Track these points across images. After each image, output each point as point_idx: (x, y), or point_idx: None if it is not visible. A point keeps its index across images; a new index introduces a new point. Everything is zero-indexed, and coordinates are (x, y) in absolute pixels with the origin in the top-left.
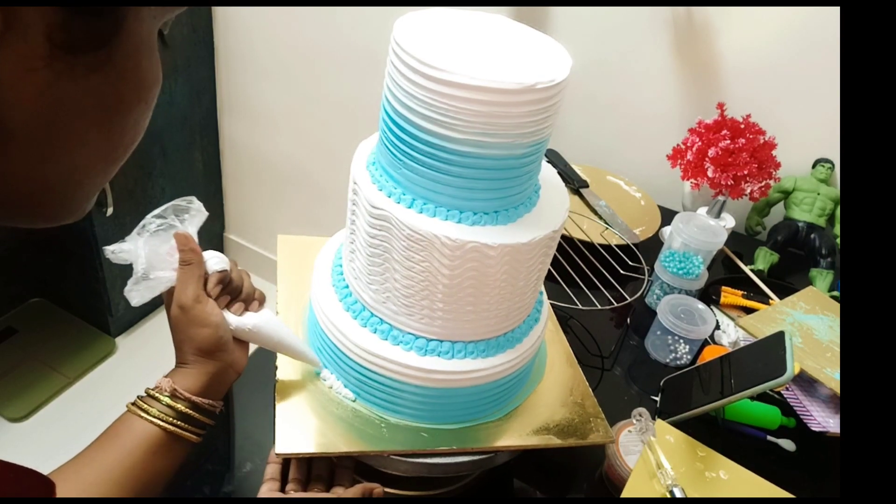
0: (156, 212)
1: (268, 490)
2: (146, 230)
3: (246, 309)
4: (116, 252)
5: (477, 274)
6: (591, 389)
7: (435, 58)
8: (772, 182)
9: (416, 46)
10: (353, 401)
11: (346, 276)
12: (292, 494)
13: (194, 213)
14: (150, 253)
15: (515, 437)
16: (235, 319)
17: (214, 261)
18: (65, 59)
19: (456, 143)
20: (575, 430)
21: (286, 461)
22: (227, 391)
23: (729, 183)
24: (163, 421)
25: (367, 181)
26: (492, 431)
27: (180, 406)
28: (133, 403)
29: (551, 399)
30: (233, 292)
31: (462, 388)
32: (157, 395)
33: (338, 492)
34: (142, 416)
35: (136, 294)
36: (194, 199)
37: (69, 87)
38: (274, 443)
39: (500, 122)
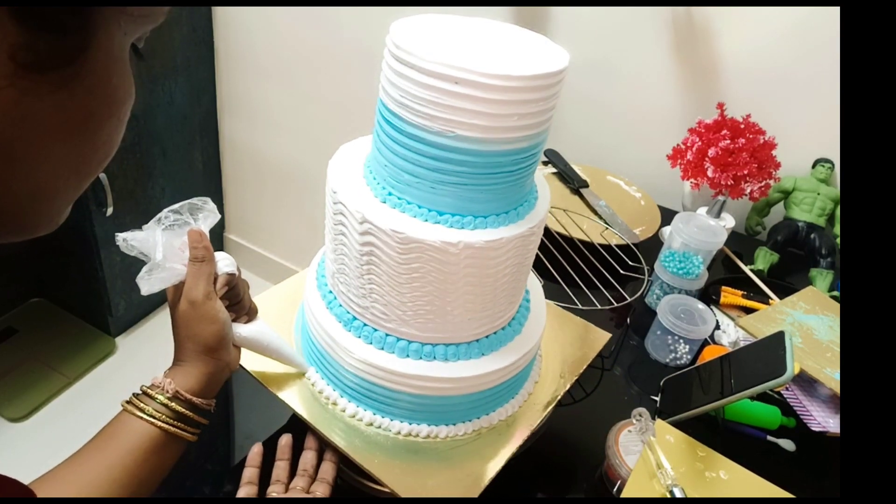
0: (172, 207)
1: (245, 495)
2: (162, 223)
3: (236, 319)
4: (129, 240)
5: (440, 274)
6: None
7: (428, 50)
8: (772, 182)
9: (410, 40)
10: (334, 404)
11: (326, 276)
12: (274, 496)
13: (207, 214)
14: (164, 244)
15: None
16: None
17: (225, 262)
18: (30, 77)
19: (452, 138)
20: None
21: (266, 464)
22: (228, 391)
23: (729, 183)
24: (159, 420)
25: (334, 172)
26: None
27: (178, 406)
28: (128, 402)
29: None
30: (233, 298)
31: (442, 395)
32: (153, 393)
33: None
34: (138, 416)
35: (147, 283)
36: (209, 200)
37: (35, 105)
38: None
39: (495, 116)
